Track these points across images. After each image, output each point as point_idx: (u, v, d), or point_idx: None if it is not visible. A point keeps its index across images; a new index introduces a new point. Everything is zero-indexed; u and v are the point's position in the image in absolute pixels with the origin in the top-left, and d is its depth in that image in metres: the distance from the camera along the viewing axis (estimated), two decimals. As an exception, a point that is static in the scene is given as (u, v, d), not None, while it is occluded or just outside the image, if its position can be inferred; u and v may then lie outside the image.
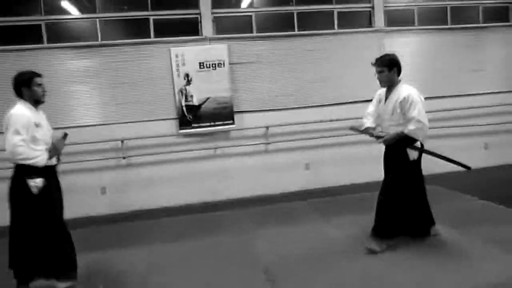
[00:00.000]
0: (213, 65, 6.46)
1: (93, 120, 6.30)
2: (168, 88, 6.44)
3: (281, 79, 6.82)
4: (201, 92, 6.45)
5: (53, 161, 3.61)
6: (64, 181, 6.03)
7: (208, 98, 6.47)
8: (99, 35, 6.30)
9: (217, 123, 6.52)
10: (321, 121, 6.83)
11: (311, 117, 6.84)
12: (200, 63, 6.42)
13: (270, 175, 6.84)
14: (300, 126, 6.78)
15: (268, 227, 5.03)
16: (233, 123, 6.58)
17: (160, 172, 6.52)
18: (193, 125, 6.47)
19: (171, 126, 6.49)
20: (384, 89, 4.02)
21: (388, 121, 3.94)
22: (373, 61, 3.93)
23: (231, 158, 6.72)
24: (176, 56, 6.37)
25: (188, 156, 6.55)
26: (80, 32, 6.31)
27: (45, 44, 6.15)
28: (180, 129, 6.45)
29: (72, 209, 5.93)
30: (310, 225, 4.94)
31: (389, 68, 3.84)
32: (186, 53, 6.39)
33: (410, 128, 3.71)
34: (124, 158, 6.36)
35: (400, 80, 3.92)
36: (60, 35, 6.22)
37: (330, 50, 6.97)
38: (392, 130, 3.88)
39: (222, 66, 6.47)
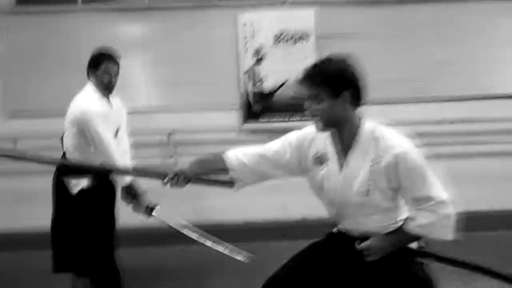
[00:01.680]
0: (294, 38, 5.00)
1: (133, 105, 5.06)
2: (230, 68, 5.09)
3: (386, 60, 5.12)
4: (275, 74, 5.03)
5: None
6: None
7: (284, 83, 5.02)
8: (147, -5, 5.12)
9: (293, 117, 5.03)
10: (440, 122, 5.08)
11: (431, 114, 5.13)
12: (276, 35, 5.00)
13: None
14: (414, 125, 5.03)
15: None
16: (316, 119, 5.01)
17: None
18: (261, 118, 5.09)
19: (232, 118, 5.14)
20: (319, 136, 2.00)
21: (355, 206, 1.89)
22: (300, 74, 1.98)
23: (311, 166, 5.13)
24: (245, 25, 4.98)
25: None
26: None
27: (79, 5, 5.03)
28: (244, 123, 5.11)
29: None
30: None
31: (332, 89, 1.87)
32: (257, 22, 4.99)
33: (423, 222, 1.78)
34: (171, 157, 5.05)
35: (360, 117, 1.99)
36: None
37: (462, 23, 5.13)
38: (371, 221, 1.89)
39: (306, 40, 5.00)
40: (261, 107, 5.08)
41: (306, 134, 2.02)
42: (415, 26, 5.18)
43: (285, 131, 4.93)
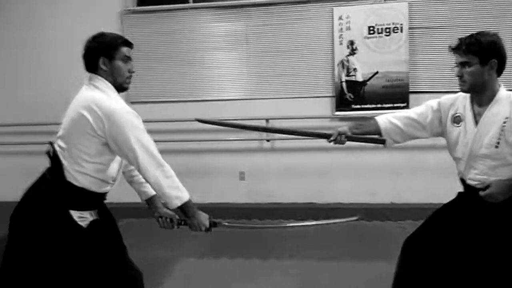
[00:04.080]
0: (387, 30, 5.00)
1: (235, 94, 5.46)
2: (326, 58, 5.21)
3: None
4: (367, 64, 5.07)
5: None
6: (202, 162, 5.71)
7: (376, 73, 5.06)
8: (252, -7, 5.35)
9: (385, 105, 5.05)
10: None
11: None
12: (370, 27, 5.03)
13: (451, 179, 5.11)
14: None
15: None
16: (407, 107, 5.02)
17: (307, 162, 5.38)
18: (353, 106, 5.15)
19: (326, 106, 5.28)
20: (462, 97, 2.22)
21: (483, 158, 2.11)
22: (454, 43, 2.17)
23: (400, 152, 5.19)
24: (340, 18, 5.08)
25: (344, 146, 5.24)
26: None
27: (191, 3, 5.43)
28: (337, 110, 5.20)
29: (208, 195, 5.47)
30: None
31: (482, 57, 2.05)
32: (352, 15, 5.06)
33: None
34: (268, 140, 5.40)
35: (500, 84, 2.11)
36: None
37: None
38: (495, 174, 2.06)
39: (399, 31, 4.98)
40: (353, 95, 5.14)
41: (447, 99, 2.28)
42: (508, 17, 4.95)
43: (376, 118, 5.12)
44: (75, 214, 1.92)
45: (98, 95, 1.91)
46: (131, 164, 1.97)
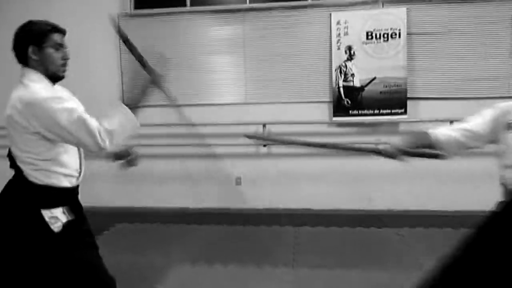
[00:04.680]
0: (385, 36, 4.99)
1: (232, 98, 5.42)
2: (324, 63, 5.19)
3: (477, 57, 4.98)
4: (365, 70, 5.05)
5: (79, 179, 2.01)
6: (198, 167, 5.66)
7: (374, 79, 5.03)
8: (248, -3, 5.33)
9: (383, 111, 5.05)
10: None
11: None
12: (367, 32, 5.01)
13: (449, 185, 5.14)
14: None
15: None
16: (404, 113, 5.02)
17: (304, 167, 5.34)
18: (351, 112, 5.12)
19: (323, 111, 5.25)
20: None
21: None
22: None
23: (397, 159, 5.18)
24: (338, 23, 5.07)
25: (339, 152, 5.24)
26: (227, -7, 5.44)
27: (188, 7, 5.40)
28: (334, 116, 5.16)
29: (205, 200, 5.49)
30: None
31: None
32: (350, 20, 5.04)
33: None
34: (264, 146, 5.36)
35: None
36: (205, -3, 5.43)
37: None
38: None
39: (397, 37, 4.96)
40: (351, 101, 5.10)
41: (505, 105, 2.25)
42: (505, 22, 4.93)
43: (373, 124, 5.20)
44: (46, 214, 1.84)
45: (22, 92, 1.81)
46: (78, 145, 1.88)
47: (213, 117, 5.34)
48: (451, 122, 4.91)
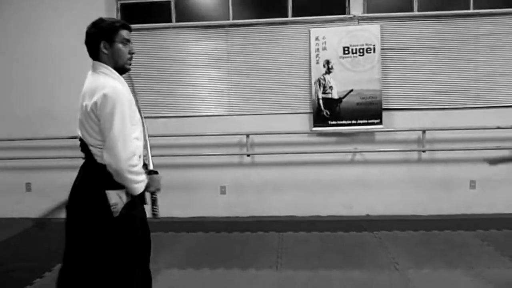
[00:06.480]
0: (361, 51, 5.27)
1: (217, 110, 5.63)
2: (303, 76, 5.44)
3: (446, 70, 5.32)
4: (343, 83, 5.32)
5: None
6: (184, 176, 5.81)
7: (351, 91, 5.31)
8: (231, 14, 5.55)
9: (360, 121, 5.32)
10: (498, 128, 5.19)
11: (486, 121, 5.24)
12: (344, 47, 5.29)
13: (422, 191, 5.43)
14: (469, 132, 5.25)
15: (425, 263, 3.75)
16: (380, 123, 5.31)
17: (286, 175, 5.56)
18: (330, 122, 5.37)
19: (304, 122, 5.49)
20: None
21: None
22: None
23: (374, 166, 5.46)
24: (317, 38, 5.33)
25: (321, 159, 5.48)
26: (211, 10, 5.64)
27: (173, 23, 5.60)
28: (314, 126, 5.41)
29: (190, 209, 5.69)
30: (493, 271, 3.52)
31: None
32: (328, 36, 5.31)
33: None
34: (248, 155, 5.56)
35: None
36: (190, 13, 5.63)
37: None
38: None
39: (372, 52, 5.26)
40: (329, 112, 5.35)
41: None
42: (475, 38, 5.28)
43: (351, 134, 5.48)
44: (110, 194, 2.01)
45: (101, 82, 2.01)
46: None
47: (199, 128, 5.51)
48: (424, 131, 5.27)
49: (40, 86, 5.62)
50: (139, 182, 2.05)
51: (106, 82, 2.00)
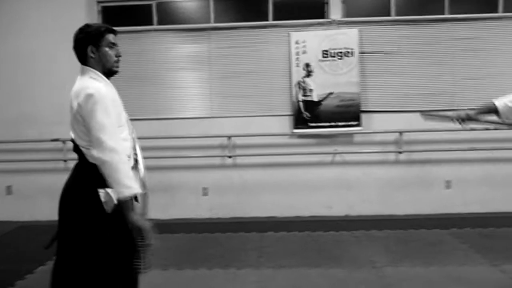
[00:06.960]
0: (340, 54, 5.39)
1: (199, 112, 5.69)
2: (284, 79, 5.54)
3: (423, 74, 5.47)
4: (322, 86, 5.43)
5: None
6: (166, 178, 5.82)
7: (330, 93, 5.42)
8: (212, 17, 5.62)
9: (339, 123, 5.44)
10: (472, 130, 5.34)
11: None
12: (324, 51, 5.40)
13: (400, 191, 5.57)
14: (444, 133, 5.39)
15: (401, 261, 3.86)
16: (358, 125, 5.44)
17: (267, 177, 5.64)
18: (310, 124, 5.47)
19: (284, 124, 5.57)
20: None
21: None
22: None
23: (353, 167, 5.58)
24: (297, 42, 5.43)
25: (301, 161, 5.58)
26: (192, 13, 5.70)
27: (155, 25, 5.64)
28: (295, 128, 5.51)
29: (172, 210, 5.68)
30: (466, 268, 3.65)
31: None
32: (308, 39, 5.42)
33: None
34: (230, 157, 5.62)
35: None
36: (171, 16, 5.67)
37: (491, 40, 5.43)
38: None
39: (351, 55, 5.38)
40: (310, 114, 5.45)
41: None
42: (451, 42, 5.45)
43: (331, 135, 5.58)
44: (101, 192, 2.04)
45: (85, 84, 2.08)
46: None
47: (181, 130, 5.55)
48: (401, 133, 5.40)
49: (21, 88, 5.60)
50: (131, 178, 2.07)
51: (91, 84, 2.07)
